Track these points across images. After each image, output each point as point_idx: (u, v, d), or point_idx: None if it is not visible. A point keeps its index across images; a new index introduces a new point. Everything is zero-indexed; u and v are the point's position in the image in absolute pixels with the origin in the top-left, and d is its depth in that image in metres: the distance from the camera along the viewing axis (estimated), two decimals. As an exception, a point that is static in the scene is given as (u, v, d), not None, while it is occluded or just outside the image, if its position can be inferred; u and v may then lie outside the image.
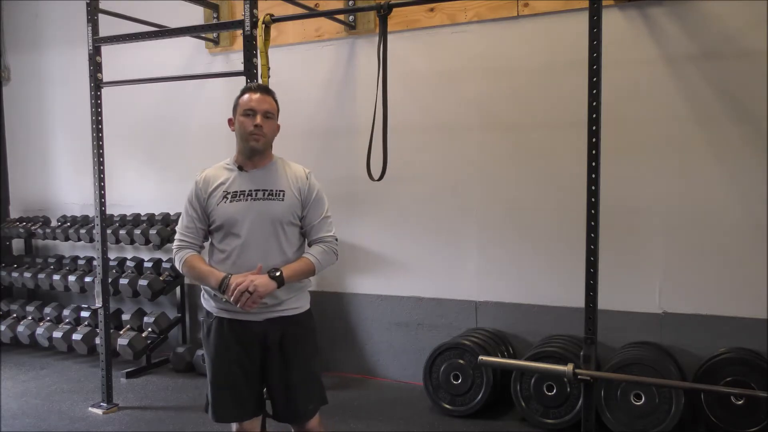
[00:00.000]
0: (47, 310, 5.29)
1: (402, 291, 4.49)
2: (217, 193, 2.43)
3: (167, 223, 5.08)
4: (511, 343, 4.11)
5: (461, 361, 3.84)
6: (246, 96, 2.44)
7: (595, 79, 2.75)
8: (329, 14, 4.29)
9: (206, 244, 2.57)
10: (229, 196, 2.42)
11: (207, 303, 2.51)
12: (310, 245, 2.52)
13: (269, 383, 2.50)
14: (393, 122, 3.25)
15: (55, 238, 5.51)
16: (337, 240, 2.56)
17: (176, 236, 2.50)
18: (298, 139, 4.61)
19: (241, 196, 2.41)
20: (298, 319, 2.49)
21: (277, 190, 2.44)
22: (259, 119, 2.39)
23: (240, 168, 2.47)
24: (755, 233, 3.51)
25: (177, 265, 2.48)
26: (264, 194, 2.42)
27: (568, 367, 2.81)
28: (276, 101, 2.50)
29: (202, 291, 2.54)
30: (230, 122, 2.50)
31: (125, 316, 4.96)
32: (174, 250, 2.50)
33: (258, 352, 2.44)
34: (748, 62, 3.49)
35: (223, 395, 2.46)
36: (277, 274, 2.35)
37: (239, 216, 2.40)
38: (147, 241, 4.99)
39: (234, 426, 2.54)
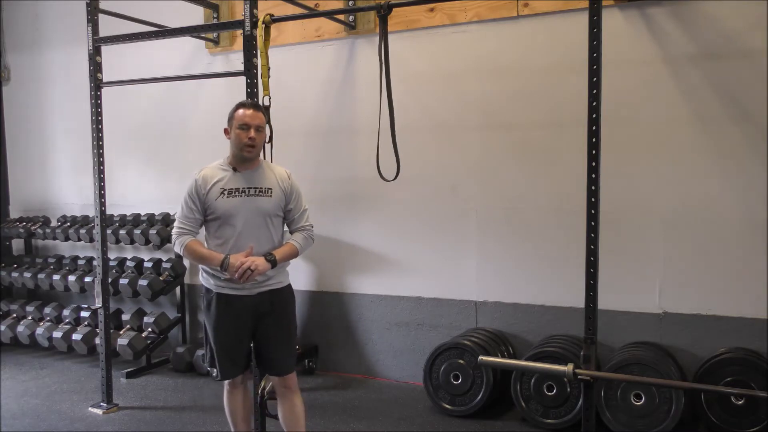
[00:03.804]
0: (47, 310, 5.29)
1: (402, 291, 4.49)
2: (214, 190, 2.82)
3: (167, 223, 5.08)
4: (511, 343, 4.12)
5: (461, 361, 3.85)
6: (240, 111, 2.84)
7: (595, 79, 2.75)
8: (329, 14, 4.29)
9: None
10: (226, 193, 2.82)
11: (206, 281, 2.91)
12: (292, 232, 2.99)
13: (260, 343, 2.94)
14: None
15: (55, 238, 5.51)
16: (312, 227, 3.03)
17: (176, 224, 2.88)
18: (299, 139, 4.62)
19: (236, 193, 2.83)
20: (282, 290, 2.96)
21: (266, 188, 2.88)
22: (252, 132, 2.80)
23: (234, 169, 2.87)
24: (755, 233, 3.51)
25: (178, 249, 2.87)
26: (255, 191, 2.86)
27: (568, 367, 2.81)
28: (265, 115, 2.97)
29: (201, 270, 2.93)
30: (226, 132, 2.90)
31: (125, 316, 4.96)
32: (174, 236, 2.88)
33: (250, 320, 2.89)
34: (748, 62, 3.49)
35: (224, 358, 2.91)
36: (272, 257, 2.82)
37: (235, 209, 2.81)
38: (147, 241, 5.00)
39: (227, 383, 3.02)
